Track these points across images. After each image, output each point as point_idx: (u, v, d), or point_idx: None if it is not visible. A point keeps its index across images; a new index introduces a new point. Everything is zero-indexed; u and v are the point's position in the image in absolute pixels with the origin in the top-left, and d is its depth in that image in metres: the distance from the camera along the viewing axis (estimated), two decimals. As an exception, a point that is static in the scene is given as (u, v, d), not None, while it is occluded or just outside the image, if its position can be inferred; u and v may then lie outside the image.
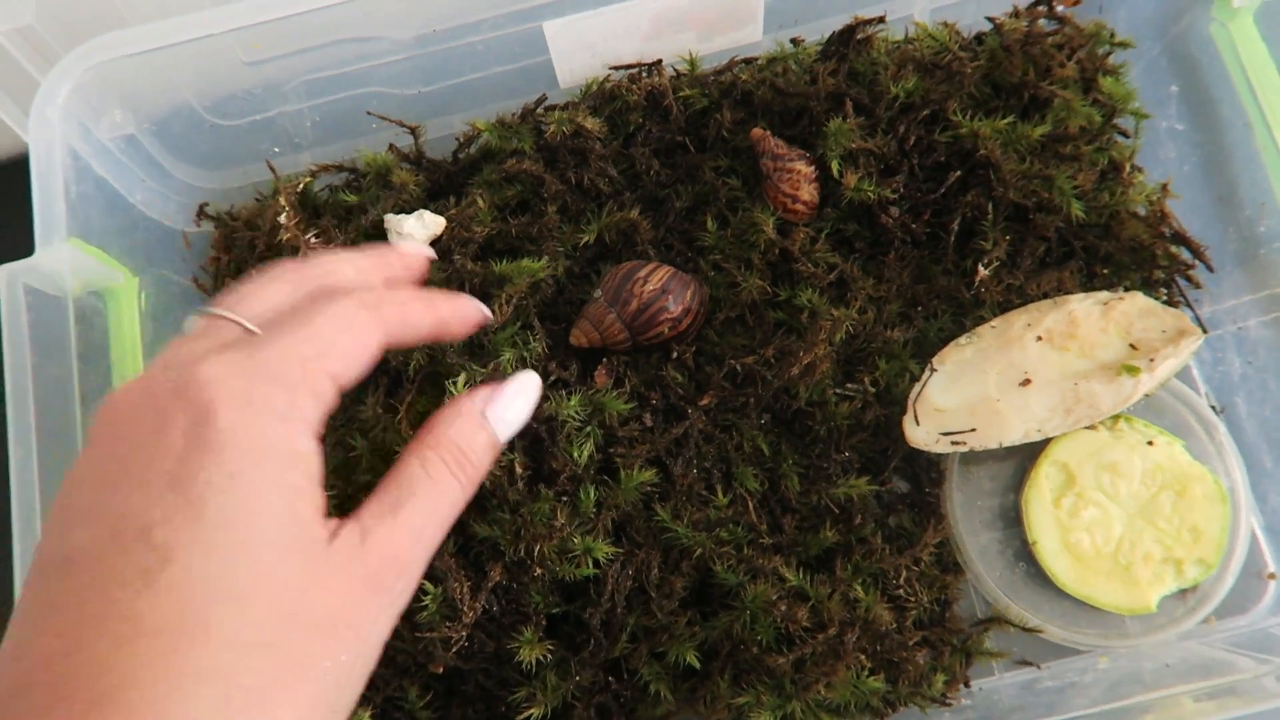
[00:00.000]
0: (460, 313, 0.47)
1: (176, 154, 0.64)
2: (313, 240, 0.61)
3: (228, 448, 0.32)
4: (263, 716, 0.31)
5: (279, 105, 0.62)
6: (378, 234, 0.62)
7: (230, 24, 0.55)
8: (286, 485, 0.34)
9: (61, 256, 0.52)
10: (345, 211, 0.63)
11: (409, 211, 0.61)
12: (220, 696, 0.30)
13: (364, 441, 0.56)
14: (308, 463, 0.35)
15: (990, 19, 0.64)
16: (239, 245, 0.64)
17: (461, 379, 0.53)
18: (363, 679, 0.35)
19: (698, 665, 0.53)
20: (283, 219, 0.61)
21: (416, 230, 0.60)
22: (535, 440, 0.53)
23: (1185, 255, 0.61)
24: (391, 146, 0.65)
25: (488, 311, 0.50)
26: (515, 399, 0.42)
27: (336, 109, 0.64)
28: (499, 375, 0.50)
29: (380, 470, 0.54)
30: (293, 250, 0.60)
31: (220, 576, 0.31)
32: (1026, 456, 0.59)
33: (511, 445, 0.52)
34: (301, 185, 0.63)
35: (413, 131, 0.64)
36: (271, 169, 0.65)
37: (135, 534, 0.31)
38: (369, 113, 0.64)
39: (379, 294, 0.41)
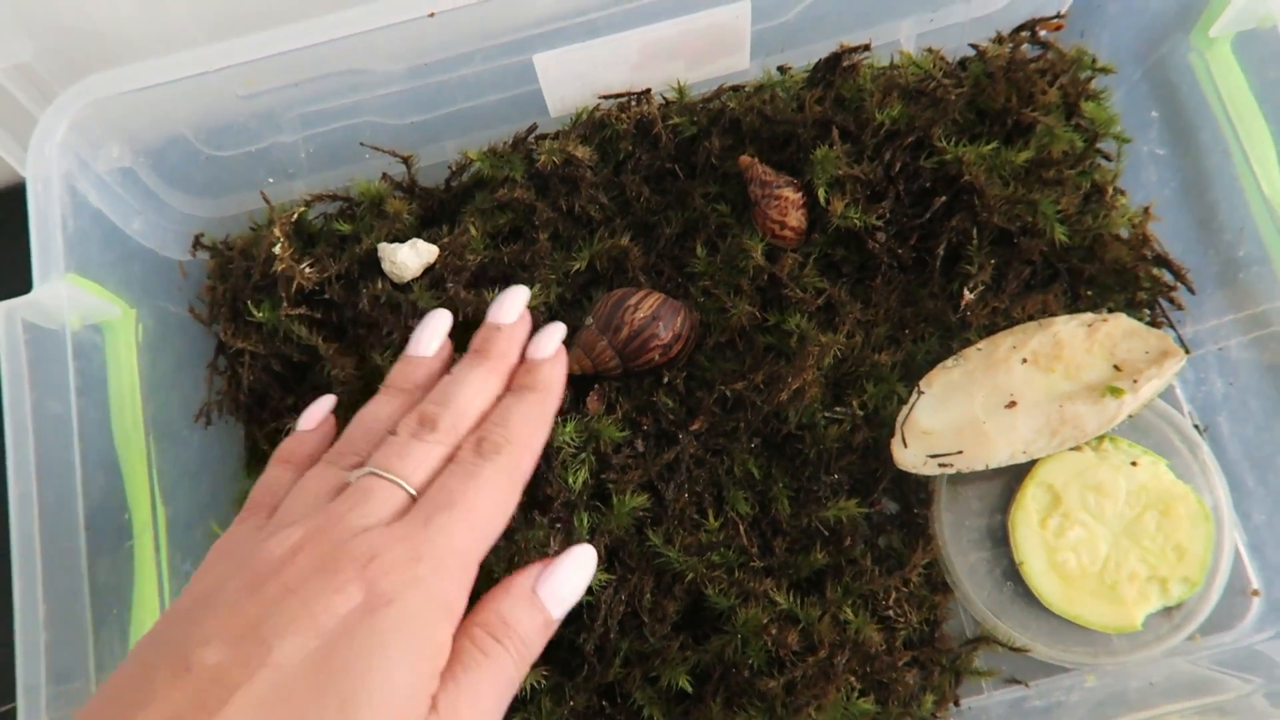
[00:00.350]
0: (562, 384, 0.48)
1: (172, 185, 0.64)
2: (307, 270, 0.61)
3: (387, 632, 0.34)
4: None
5: (273, 136, 0.63)
6: (371, 262, 0.62)
7: (224, 61, 0.56)
8: (419, 675, 0.35)
9: (59, 292, 0.52)
10: (339, 240, 0.64)
11: (402, 240, 0.62)
12: None
13: (360, 470, 0.57)
14: (441, 655, 0.36)
15: (974, 45, 0.65)
16: (234, 274, 0.65)
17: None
18: None
19: (690, 689, 0.54)
20: (277, 249, 0.62)
21: (410, 259, 0.61)
22: (529, 470, 0.54)
23: (1168, 277, 0.62)
24: (385, 175, 0.66)
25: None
26: (570, 575, 0.42)
27: (330, 139, 0.64)
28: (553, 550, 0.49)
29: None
30: (287, 281, 0.61)
31: (323, 711, 0.32)
32: (1013, 477, 0.60)
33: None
34: (296, 215, 0.64)
35: (405, 160, 0.65)
36: (266, 199, 0.65)
37: (269, 662, 0.32)
38: (362, 143, 0.64)
39: (519, 447, 0.42)
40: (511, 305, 0.46)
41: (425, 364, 0.46)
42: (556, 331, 0.46)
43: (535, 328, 0.56)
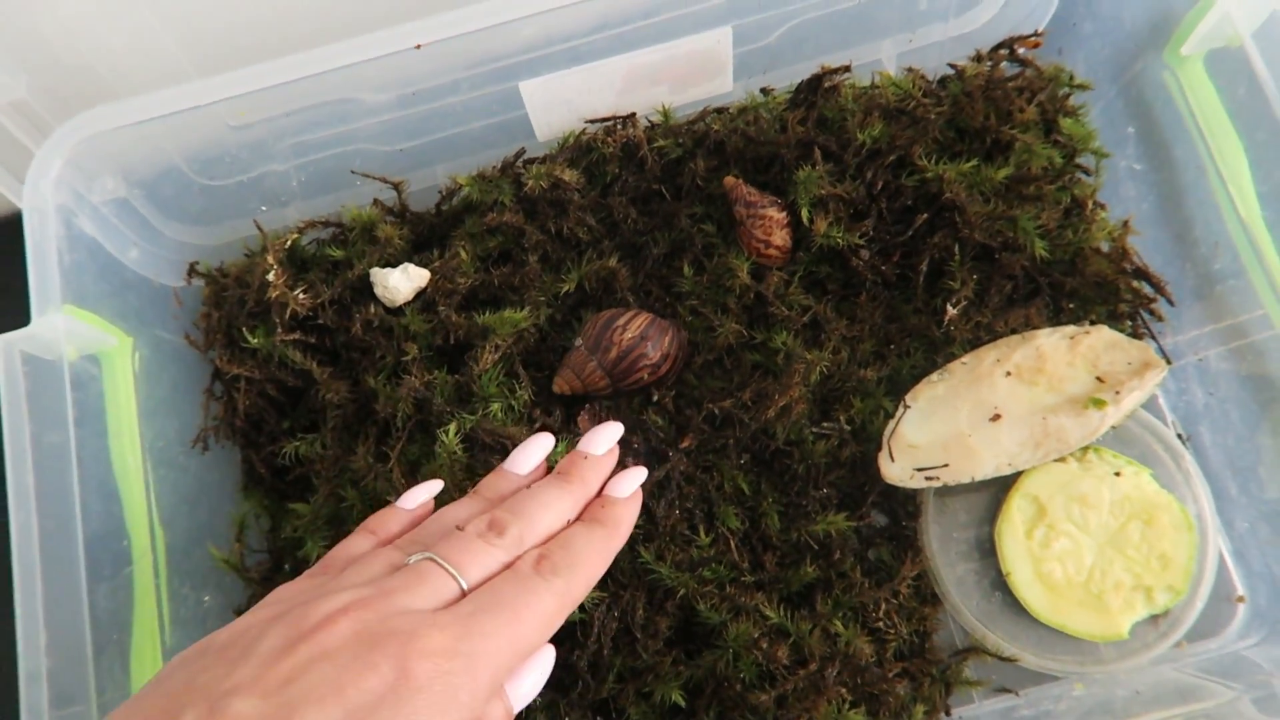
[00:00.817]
0: (630, 526, 0.46)
1: (167, 214, 0.65)
2: (300, 296, 0.62)
3: (417, 713, 0.34)
4: None
5: (265, 165, 0.64)
6: (363, 287, 0.63)
7: (216, 94, 0.57)
8: None
9: (56, 324, 0.53)
10: (332, 266, 0.65)
11: (394, 264, 0.63)
12: None
13: (355, 492, 0.58)
14: None
15: (953, 65, 0.66)
16: (229, 301, 0.66)
17: (452, 428, 0.55)
18: None
19: (683, 704, 0.54)
20: (271, 276, 0.63)
21: (401, 284, 0.62)
22: (520, 491, 0.55)
23: (1147, 289, 0.63)
24: (376, 201, 0.67)
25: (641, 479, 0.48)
26: (531, 673, 0.41)
27: (321, 167, 0.65)
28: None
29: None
30: (281, 307, 0.62)
31: None
32: (1000, 487, 0.61)
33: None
34: (289, 241, 0.65)
35: (396, 186, 0.66)
36: (259, 227, 0.66)
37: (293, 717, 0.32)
38: (353, 170, 0.65)
39: (578, 574, 0.41)
40: (604, 440, 0.47)
41: (516, 480, 0.46)
42: (638, 475, 0.46)
43: (522, 365, 0.57)
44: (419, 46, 0.56)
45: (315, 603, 0.37)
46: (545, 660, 0.41)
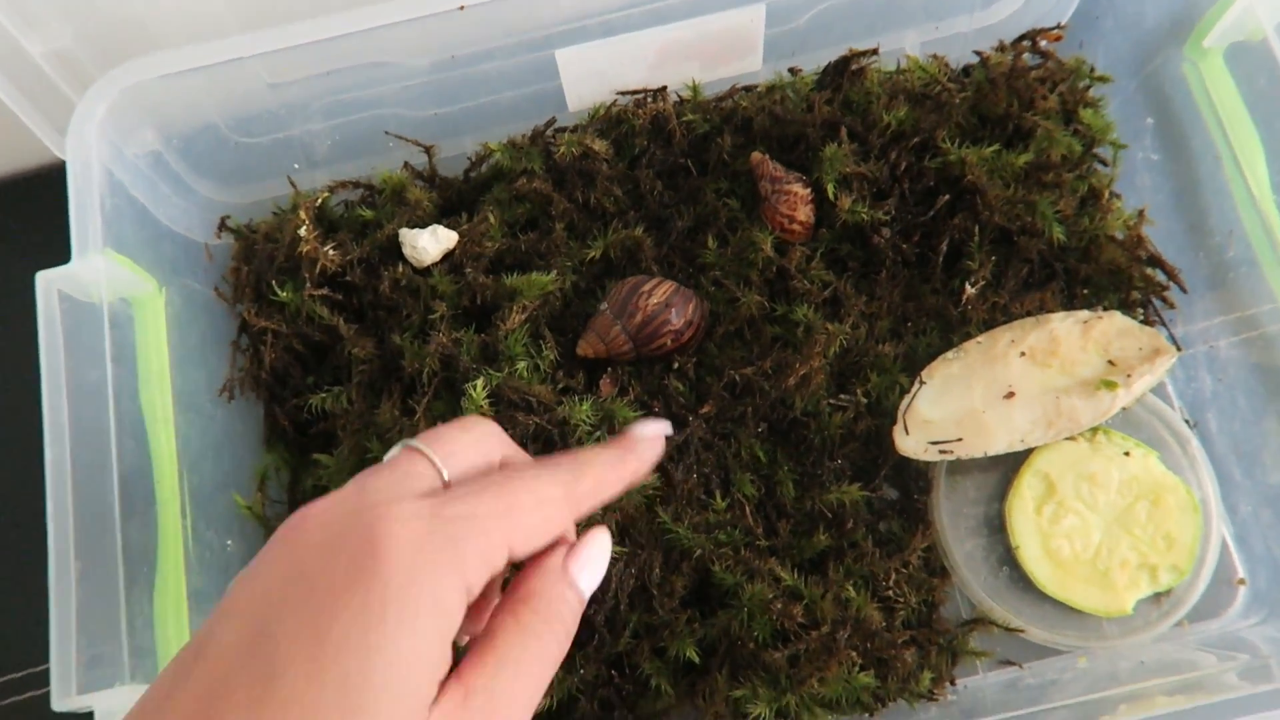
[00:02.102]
0: (648, 463, 0.44)
1: (200, 170, 0.66)
2: (331, 252, 0.63)
3: (387, 588, 0.31)
4: None
5: (300, 125, 0.65)
6: (392, 248, 0.64)
7: (256, 49, 0.58)
8: (426, 646, 0.32)
9: (96, 266, 0.54)
10: (361, 226, 0.66)
11: (423, 227, 0.64)
12: None
13: (380, 444, 0.59)
14: (450, 624, 0.33)
15: (978, 53, 0.67)
16: (258, 257, 0.67)
17: (479, 383, 0.56)
18: None
19: (697, 660, 0.55)
20: (302, 232, 0.64)
21: (430, 245, 0.63)
22: (548, 442, 0.56)
23: (1160, 278, 0.64)
24: (406, 165, 0.68)
25: (665, 433, 0.47)
26: (595, 555, 0.39)
27: (355, 128, 0.66)
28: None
29: (397, 472, 0.57)
30: (311, 262, 0.63)
31: (327, 710, 0.30)
32: (1010, 466, 0.62)
33: (525, 446, 0.55)
34: (320, 200, 0.66)
35: (427, 151, 0.67)
36: (292, 184, 0.67)
37: (265, 645, 0.31)
38: (386, 133, 0.67)
39: (578, 472, 0.39)
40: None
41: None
42: (663, 424, 0.45)
43: (547, 328, 0.59)
44: (463, 8, 0.57)
45: (306, 512, 0.35)
46: (603, 542, 0.39)
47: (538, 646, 0.35)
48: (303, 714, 0.29)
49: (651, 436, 0.44)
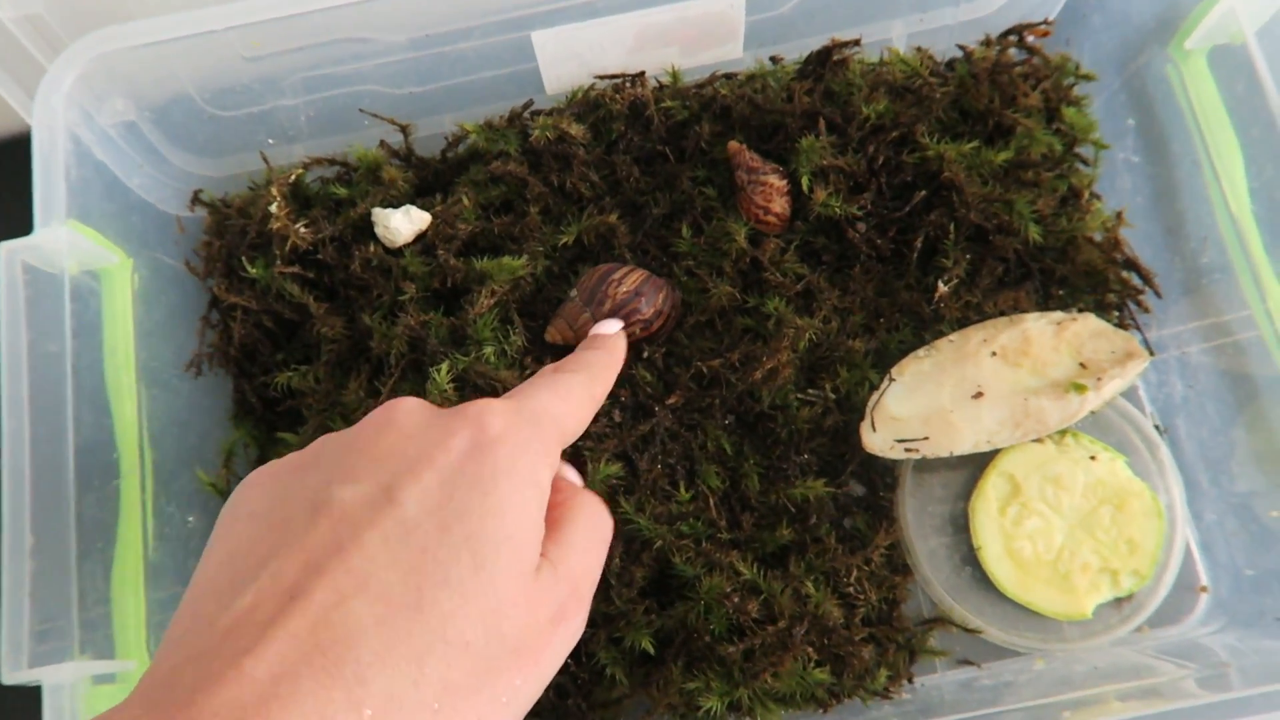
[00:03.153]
0: (622, 357, 0.54)
1: (174, 141, 0.66)
2: (302, 230, 0.63)
3: (497, 463, 0.37)
4: (438, 710, 0.32)
5: (276, 99, 0.65)
6: (365, 227, 0.64)
7: (232, 21, 0.57)
8: (530, 512, 0.37)
9: (60, 237, 0.54)
10: (335, 204, 0.66)
11: (396, 206, 0.64)
12: (411, 677, 0.32)
13: (345, 424, 0.58)
14: (543, 496, 0.39)
15: (961, 47, 0.67)
16: (231, 231, 0.66)
17: (445, 367, 0.56)
18: (523, 712, 0.36)
19: (653, 651, 0.55)
20: (274, 208, 0.63)
21: (403, 225, 0.63)
22: (506, 431, 0.56)
23: (1136, 281, 0.64)
24: (382, 143, 0.67)
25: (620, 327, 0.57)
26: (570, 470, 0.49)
27: (331, 105, 0.66)
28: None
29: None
30: (282, 239, 0.63)
31: (455, 562, 0.34)
32: (976, 466, 0.62)
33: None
34: (294, 177, 0.66)
35: (403, 130, 0.67)
36: (265, 160, 0.67)
37: (392, 498, 0.35)
38: (362, 110, 0.66)
39: (593, 375, 0.47)
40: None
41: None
42: (618, 323, 0.55)
43: (517, 313, 0.61)
44: (437, -13, 0.56)
45: (373, 412, 0.40)
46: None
47: (601, 533, 0.43)
48: (436, 562, 0.34)
49: (617, 333, 0.53)
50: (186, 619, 0.34)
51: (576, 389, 0.44)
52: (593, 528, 0.41)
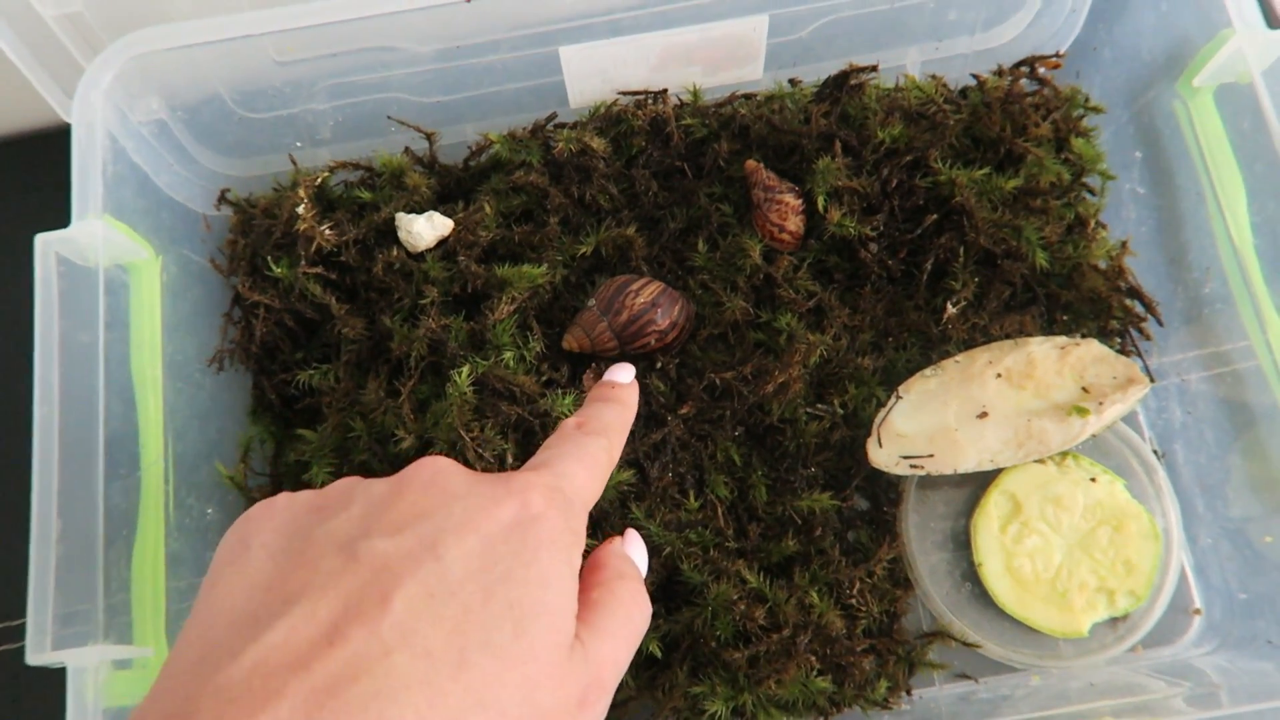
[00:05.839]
0: (635, 408, 0.52)
1: (204, 141, 0.67)
2: (327, 231, 0.64)
3: (540, 545, 0.36)
4: None
5: (304, 103, 0.66)
6: (388, 231, 0.65)
7: (267, 27, 0.59)
8: (567, 588, 0.37)
9: (94, 231, 0.55)
10: (359, 208, 0.67)
11: (419, 212, 0.65)
12: None
13: (364, 424, 0.60)
14: (576, 568, 0.39)
15: (975, 76, 0.68)
16: (255, 231, 0.67)
17: (465, 370, 0.57)
18: None
19: (659, 655, 0.57)
20: (300, 209, 0.65)
21: (425, 230, 0.64)
22: (528, 433, 0.57)
23: (1139, 309, 0.65)
24: (407, 150, 0.69)
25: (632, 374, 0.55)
26: (641, 547, 0.47)
27: (358, 111, 0.67)
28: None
29: (377, 452, 0.58)
30: (307, 240, 0.64)
31: (497, 628, 0.34)
32: (979, 484, 0.63)
33: (505, 436, 0.56)
34: (320, 179, 0.67)
35: (428, 137, 0.68)
36: (293, 162, 0.68)
37: (434, 555, 0.34)
38: (389, 117, 0.67)
39: (611, 437, 0.46)
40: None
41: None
42: (629, 367, 0.53)
43: (535, 320, 0.62)
44: (469, 0, 0.58)
45: (411, 468, 0.39)
46: (639, 537, 0.47)
47: (633, 619, 0.41)
48: (479, 625, 0.33)
49: (631, 383, 0.52)
50: (199, 646, 0.32)
51: (600, 456, 0.44)
52: (628, 618, 0.40)
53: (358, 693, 0.30)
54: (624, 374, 0.52)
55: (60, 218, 0.55)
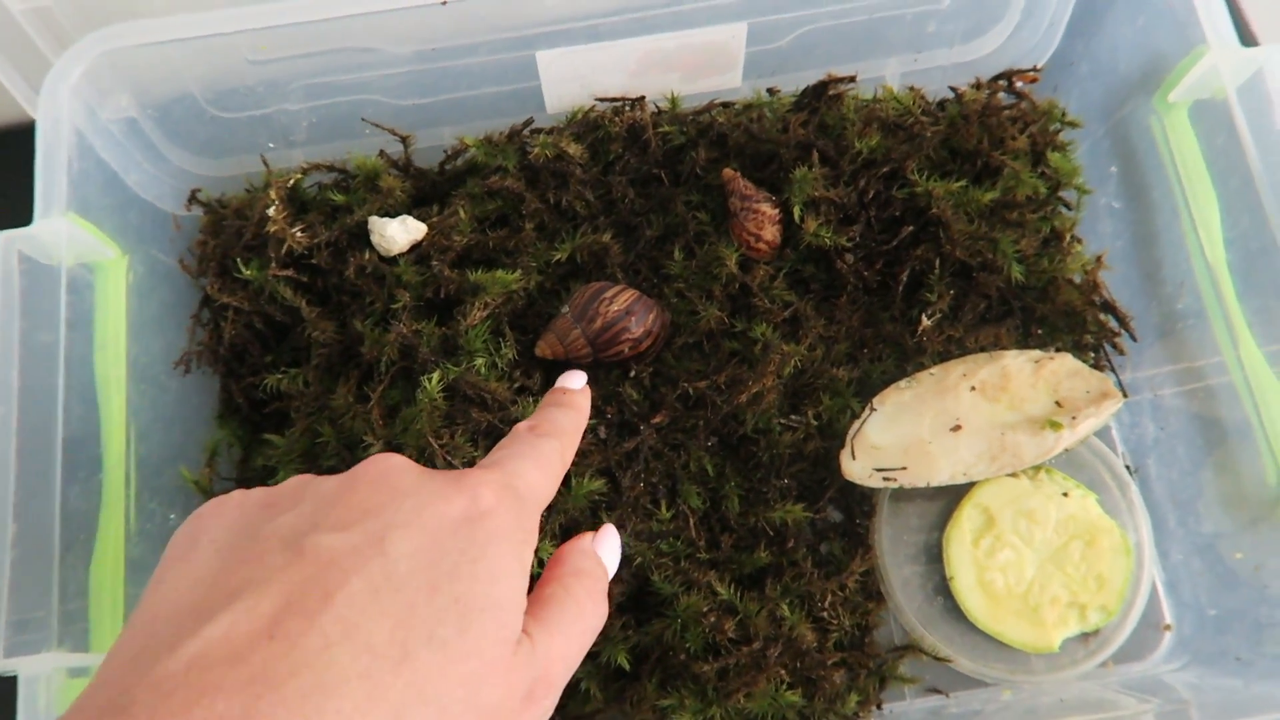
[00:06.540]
0: (586, 414, 0.52)
1: (174, 140, 0.66)
2: (298, 234, 0.64)
3: (489, 540, 0.36)
4: None
5: (278, 103, 0.65)
6: (361, 234, 0.65)
7: (241, 25, 0.58)
8: (516, 584, 0.37)
9: (58, 229, 0.54)
10: (332, 210, 0.66)
11: (393, 215, 0.65)
12: None
13: (332, 429, 0.59)
14: (526, 566, 0.38)
15: (953, 88, 0.68)
16: (226, 232, 0.67)
17: (435, 376, 0.56)
18: None
19: (628, 667, 0.56)
20: (271, 211, 0.64)
21: (399, 234, 0.63)
22: (497, 439, 0.56)
23: (1113, 323, 0.65)
24: (382, 153, 0.68)
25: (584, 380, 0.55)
26: (613, 543, 0.46)
27: (333, 112, 0.67)
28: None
29: (345, 457, 0.57)
30: (278, 242, 0.63)
31: (441, 622, 0.33)
32: (952, 497, 0.63)
33: (475, 443, 0.56)
34: (292, 181, 0.66)
35: (404, 140, 0.67)
36: (265, 163, 0.67)
37: (380, 550, 0.34)
38: (364, 119, 0.67)
39: (564, 440, 0.46)
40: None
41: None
42: (583, 376, 0.53)
43: (508, 326, 0.62)
44: (444, 2, 0.57)
45: (361, 463, 0.39)
46: (615, 535, 0.47)
47: (585, 615, 0.41)
48: (422, 619, 0.33)
49: (583, 389, 0.52)
50: (140, 639, 0.32)
51: (553, 457, 0.44)
52: (579, 614, 0.40)
53: (296, 686, 0.30)
54: (576, 380, 0.52)
55: (25, 215, 0.55)
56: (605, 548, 0.46)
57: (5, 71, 0.61)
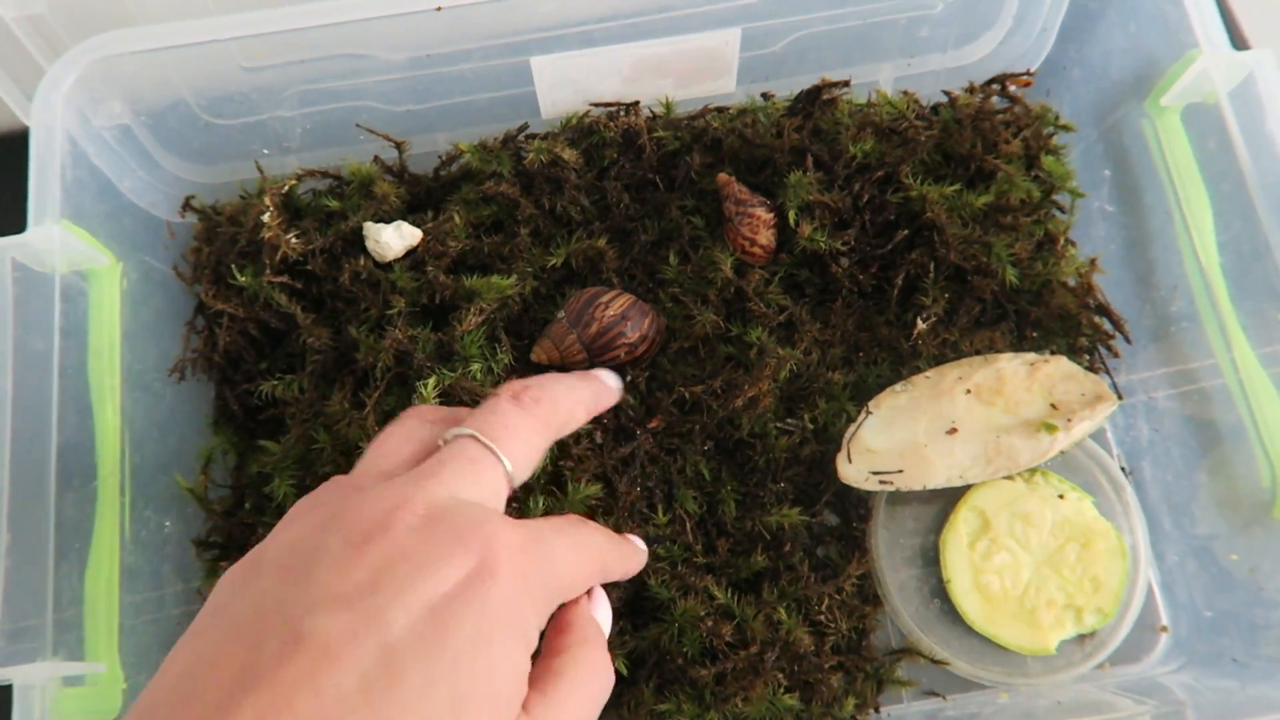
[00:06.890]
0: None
1: (168, 147, 0.66)
2: (293, 240, 0.63)
3: (498, 614, 0.35)
4: None
5: (272, 110, 0.65)
6: (355, 240, 0.65)
7: (235, 32, 0.58)
8: (518, 669, 0.35)
9: (52, 236, 0.54)
10: (326, 216, 0.66)
11: (388, 221, 0.64)
12: None
13: (328, 435, 0.59)
14: (531, 647, 0.37)
15: (947, 92, 0.69)
16: (220, 239, 0.66)
17: (431, 381, 0.56)
18: None
19: (625, 672, 0.56)
20: (265, 217, 0.64)
21: (393, 240, 0.63)
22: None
23: (1107, 326, 0.66)
24: (376, 158, 0.68)
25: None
26: (605, 608, 0.46)
27: (327, 118, 0.67)
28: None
29: (341, 465, 0.57)
30: (273, 248, 0.63)
31: (435, 717, 0.32)
32: (948, 501, 0.63)
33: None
34: (287, 187, 0.66)
35: (398, 146, 0.67)
36: (259, 169, 0.67)
37: (378, 635, 0.32)
38: (358, 125, 0.67)
39: (614, 549, 0.46)
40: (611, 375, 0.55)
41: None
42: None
43: (504, 332, 0.62)
44: (439, 9, 0.57)
45: (365, 499, 0.37)
46: (605, 598, 0.46)
47: (591, 682, 0.40)
48: (417, 715, 0.32)
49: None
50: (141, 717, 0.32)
51: (593, 549, 0.42)
52: (587, 694, 0.39)
53: None
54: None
55: (18, 223, 0.54)
56: (600, 610, 0.45)
57: (-2, 79, 0.61)
